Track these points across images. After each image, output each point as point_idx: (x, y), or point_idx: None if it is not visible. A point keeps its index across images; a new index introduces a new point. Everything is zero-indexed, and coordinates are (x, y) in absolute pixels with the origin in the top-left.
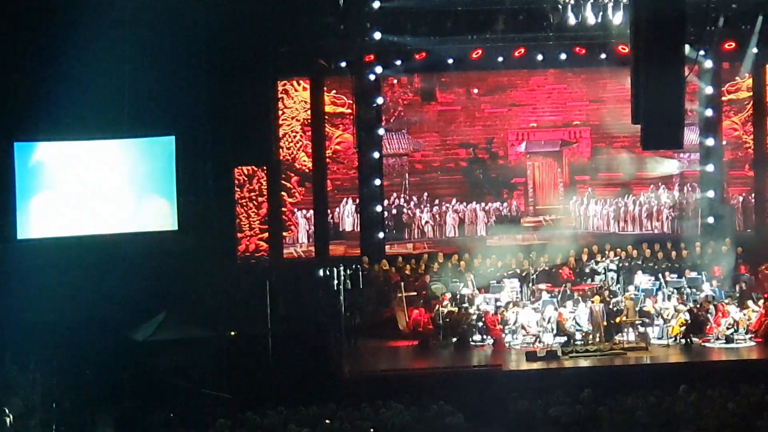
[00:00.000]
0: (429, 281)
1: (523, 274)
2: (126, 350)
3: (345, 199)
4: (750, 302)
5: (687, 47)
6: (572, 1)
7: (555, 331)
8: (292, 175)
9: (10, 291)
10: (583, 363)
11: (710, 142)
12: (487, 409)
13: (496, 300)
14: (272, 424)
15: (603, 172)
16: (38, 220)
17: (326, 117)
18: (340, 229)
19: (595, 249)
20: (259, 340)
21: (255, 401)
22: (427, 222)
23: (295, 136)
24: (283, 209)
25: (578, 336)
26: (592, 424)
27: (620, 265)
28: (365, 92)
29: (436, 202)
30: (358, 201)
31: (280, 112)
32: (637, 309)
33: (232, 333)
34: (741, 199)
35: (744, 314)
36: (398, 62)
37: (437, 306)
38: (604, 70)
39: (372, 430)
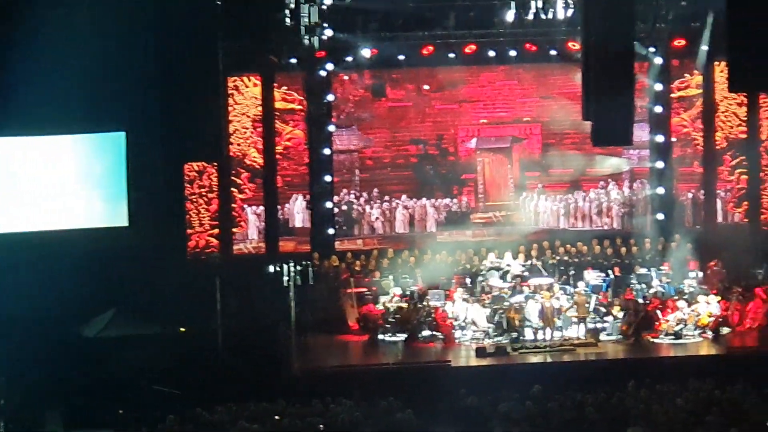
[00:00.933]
0: (379, 277)
1: (473, 270)
2: (75, 346)
3: (295, 195)
4: (700, 298)
5: (637, 44)
6: None
7: (505, 327)
8: (243, 171)
9: None
10: (533, 359)
11: (660, 138)
12: (437, 405)
13: (446, 295)
14: (222, 420)
15: (553, 169)
16: None
17: (277, 113)
18: (290, 225)
19: (545, 245)
20: (209, 337)
21: (205, 397)
22: (377, 218)
23: (245, 132)
24: (234, 205)
25: (528, 332)
26: (542, 420)
27: (570, 261)
28: (316, 89)
29: (386, 198)
30: (308, 197)
31: (231, 108)
32: (586, 305)
33: (182, 329)
34: (690, 195)
35: (693, 310)
36: (349, 59)
37: (387, 302)
38: (555, 67)
39: (322, 426)
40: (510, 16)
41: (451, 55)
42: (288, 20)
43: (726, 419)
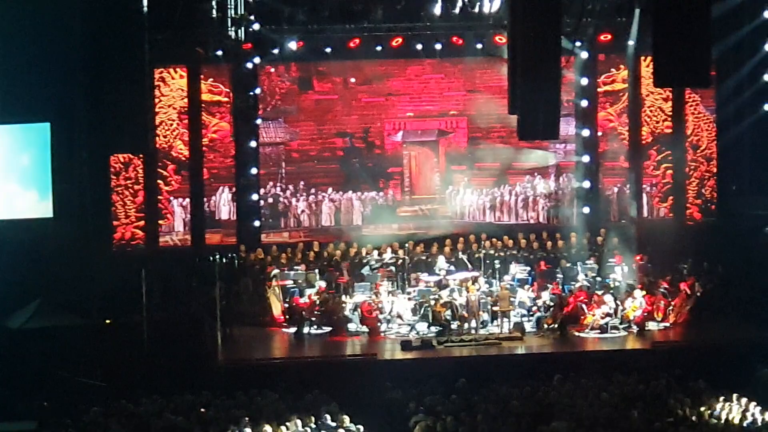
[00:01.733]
0: (305, 270)
1: (399, 264)
2: None
3: (221, 188)
4: (627, 292)
5: (563, 39)
6: None
7: (430, 321)
8: (169, 163)
9: None
10: (458, 352)
11: (586, 133)
12: (362, 398)
13: (372, 289)
14: (147, 412)
15: (479, 162)
16: None
17: (203, 105)
18: (217, 218)
19: (471, 239)
20: (134, 328)
21: (129, 389)
22: (303, 211)
23: (171, 124)
24: (160, 197)
25: (453, 325)
26: (467, 414)
27: (496, 255)
28: (242, 81)
29: (312, 191)
30: (234, 189)
31: (157, 100)
32: (512, 299)
33: (107, 321)
34: (616, 189)
35: (618, 304)
36: (275, 51)
37: (313, 295)
38: (482, 61)
39: (247, 418)
40: (437, 9)
41: (378, 48)
42: (214, 12)
43: (650, 413)
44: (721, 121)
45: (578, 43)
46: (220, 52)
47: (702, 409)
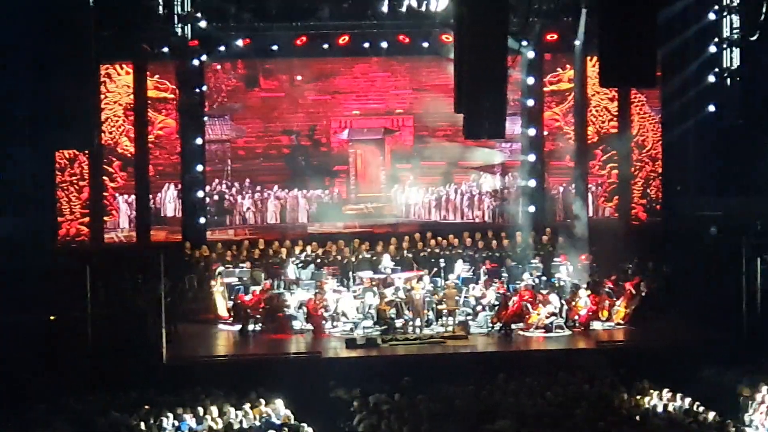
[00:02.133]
0: (250, 268)
1: (344, 262)
2: None
3: (167, 185)
4: (572, 292)
5: (510, 38)
6: None
7: (375, 319)
8: (114, 159)
9: None
10: (403, 351)
11: (532, 132)
12: (307, 396)
13: (317, 287)
14: (91, 409)
15: (425, 161)
16: None
17: (149, 102)
18: (162, 215)
19: (416, 237)
20: (79, 326)
21: (74, 387)
22: (248, 208)
23: (117, 121)
24: (105, 194)
25: (398, 324)
26: (411, 412)
27: (441, 254)
28: (188, 78)
29: (258, 188)
30: (180, 187)
31: (103, 96)
32: (457, 298)
33: (52, 317)
34: (561, 189)
35: (563, 303)
36: (222, 48)
37: (258, 292)
38: (428, 59)
39: (192, 415)
40: (384, 8)
41: (325, 46)
42: (161, 9)
43: (594, 413)
44: (667, 122)
45: (524, 43)
46: (166, 49)
47: (646, 408)
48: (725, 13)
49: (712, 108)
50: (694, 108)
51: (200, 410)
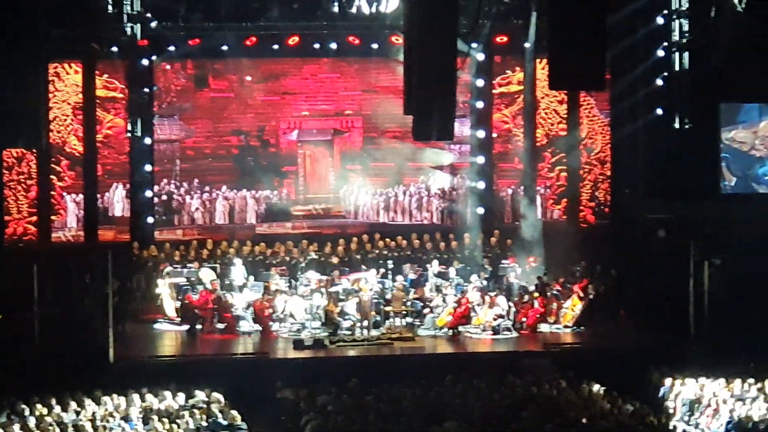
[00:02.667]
0: (198, 268)
1: (292, 263)
2: None
3: (115, 184)
4: (520, 294)
5: (459, 40)
6: None
7: (323, 320)
8: (62, 158)
9: None
10: (351, 352)
11: (481, 134)
12: (254, 397)
13: (265, 287)
14: (37, 409)
15: (374, 162)
16: None
17: (98, 101)
18: (110, 214)
19: (364, 239)
20: (26, 325)
21: (20, 386)
22: (197, 208)
23: (65, 120)
24: (53, 193)
25: (346, 325)
26: (359, 414)
27: (389, 255)
28: (137, 77)
29: (207, 188)
30: (128, 186)
31: (51, 95)
32: (405, 299)
33: None
34: (510, 191)
35: (511, 305)
36: (171, 48)
37: (206, 292)
38: (378, 61)
39: (139, 415)
40: (334, 8)
41: (275, 47)
42: (110, 8)
43: (541, 415)
44: (616, 125)
45: (474, 45)
46: (115, 49)
47: (593, 411)
48: (674, 17)
49: (659, 111)
50: (642, 111)
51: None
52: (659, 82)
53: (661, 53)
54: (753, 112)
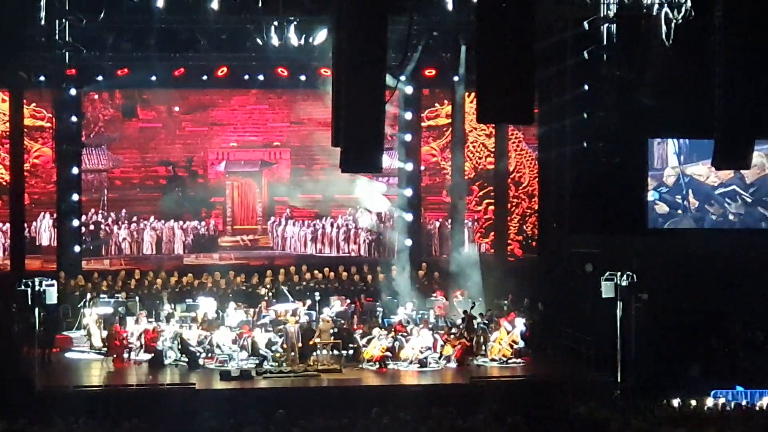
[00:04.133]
0: (125, 298)
1: (219, 294)
2: None
3: (42, 213)
4: (447, 327)
5: (388, 73)
6: (275, 23)
7: (250, 352)
8: None
9: None
10: (277, 384)
11: (409, 166)
12: (180, 428)
13: (192, 319)
14: None
15: (302, 194)
16: None
17: (25, 130)
18: (37, 244)
19: (292, 270)
20: None
21: None
22: (124, 239)
23: None
24: None
25: (273, 356)
26: None
27: (316, 287)
28: (65, 107)
29: (134, 218)
30: (55, 215)
31: None
32: (331, 331)
33: None
34: (438, 224)
35: (437, 338)
36: (99, 78)
37: (133, 323)
38: (307, 92)
39: None
40: (262, 40)
41: (204, 78)
42: (38, 37)
43: None
44: (543, 159)
45: (403, 78)
46: (43, 78)
47: None
48: (602, 52)
49: (585, 144)
50: (570, 145)
51: None
52: (586, 116)
53: (587, 88)
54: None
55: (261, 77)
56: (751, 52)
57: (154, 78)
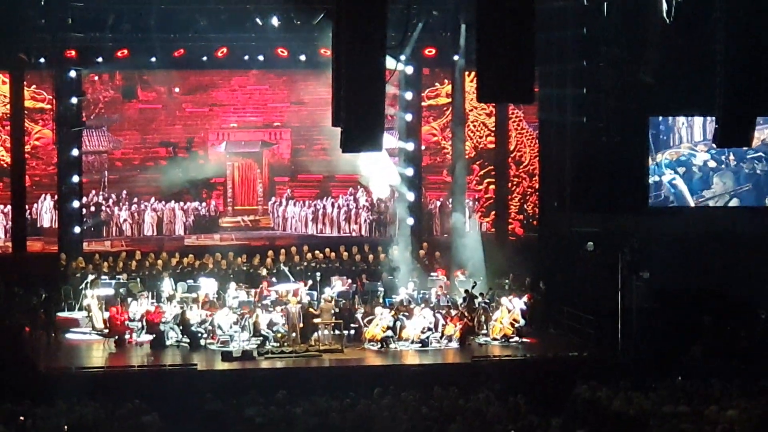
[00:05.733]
0: (127, 279)
1: (220, 275)
2: None
3: (43, 195)
4: (448, 306)
5: (388, 52)
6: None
7: (251, 332)
8: None
9: None
10: (279, 364)
11: (410, 146)
12: (182, 409)
13: (194, 300)
14: None
15: (302, 174)
16: None
17: (26, 112)
18: (38, 226)
19: (293, 251)
20: None
21: None
22: (125, 220)
23: None
24: None
25: (274, 337)
26: (286, 426)
27: (318, 267)
28: (65, 88)
29: (135, 200)
30: (56, 197)
31: None
32: (333, 311)
33: None
34: (439, 203)
35: (439, 318)
36: (99, 59)
37: (135, 304)
38: (306, 72)
39: (66, 427)
40: (261, 20)
41: (203, 58)
42: (38, 19)
43: (469, 428)
44: (544, 137)
45: (403, 57)
46: (43, 60)
47: (521, 424)
48: (602, 29)
49: (584, 119)
50: (571, 124)
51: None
52: (585, 92)
53: (587, 65)
54: None
55: (261, 57)
56: (753, 29)
57: (154, 59)
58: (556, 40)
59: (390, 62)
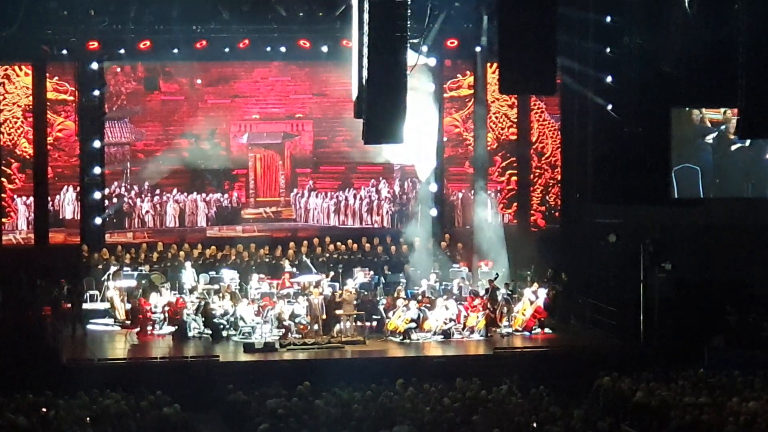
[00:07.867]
0: (149, 271)
1: (242, 266)
2: None
3: (66, 187)
4: (470, 297)
5: (410, 44)
6: None
7: (273, 324)
8: (13, 161)
9: None
10: (301, 355)
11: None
12: (204, 400)
13: (217, 292)
14: None
15: (324, 166)
16: None
17: (48, 103)
18: (61, 217)
19: (315, 242)
20: None
21: None
22: (147, 211)
23: (16, 122)
24: (3, 195)
25: (296, 328)
26: (309, 417)
27: (340, 258)
28: (88, 80)
29: (157, 191)
30: (78, 189)
31: (2, 98)
32: (355, 303)
33: None
34: (461, 195)
35: (461, 309)
36: (122, 51)
37: (157, 296)
38: (329, 64)
39: (88, 419)
40: (285, 12)
41: (225, 50)
42: (61, 11)
43: (491, 419)
44: (566, 129)
45: (425, 48)
46: (65, 51)
47: (543, 415)
48: (624, 20)
49: (609, 108)
50: (593, 116)
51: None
52: (609, 81)
53: (610, 56)
54: None
55: (283, 49)
56: None
57: (176, 51)
58: (578, 30)
59: (412, 54)
